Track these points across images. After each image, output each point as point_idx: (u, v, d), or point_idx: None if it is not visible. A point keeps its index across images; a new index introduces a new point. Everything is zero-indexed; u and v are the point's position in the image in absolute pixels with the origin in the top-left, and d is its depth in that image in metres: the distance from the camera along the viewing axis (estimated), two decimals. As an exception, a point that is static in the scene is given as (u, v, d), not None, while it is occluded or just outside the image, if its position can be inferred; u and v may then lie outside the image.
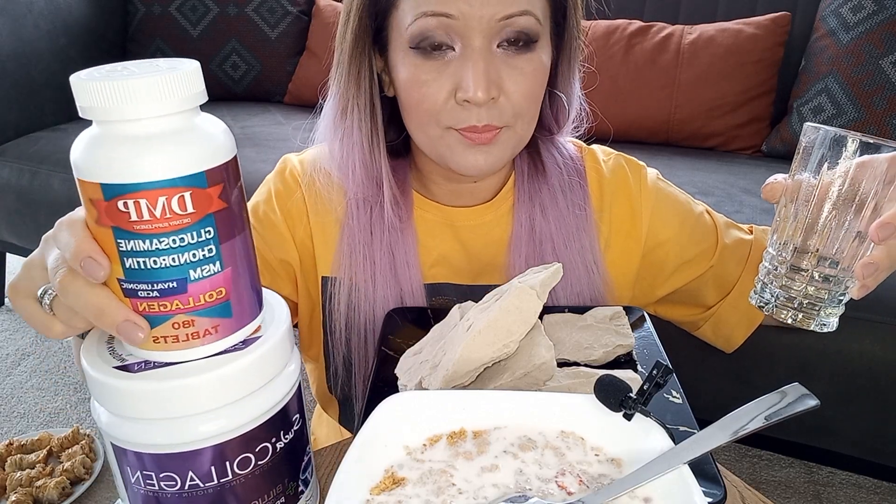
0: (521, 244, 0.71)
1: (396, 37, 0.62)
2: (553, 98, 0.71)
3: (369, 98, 0.66)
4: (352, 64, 0.65)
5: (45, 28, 1.95)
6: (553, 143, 0.74)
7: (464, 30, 0.59)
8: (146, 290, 0.35)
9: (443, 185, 0.73)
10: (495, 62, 0.60)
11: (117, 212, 0.34)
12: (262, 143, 1.66)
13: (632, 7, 1.82)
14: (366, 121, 0.66)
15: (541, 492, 0.38)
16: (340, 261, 0.71)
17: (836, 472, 1.42)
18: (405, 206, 0.71)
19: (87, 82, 0.33)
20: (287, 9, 2.07)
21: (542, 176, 0.72)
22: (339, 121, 0.68)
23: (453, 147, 0.64)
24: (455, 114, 0.61)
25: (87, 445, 1.47)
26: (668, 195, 0.75)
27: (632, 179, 0.74)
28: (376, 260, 0.69)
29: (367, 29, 0.64)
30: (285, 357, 0.41)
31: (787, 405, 0.38)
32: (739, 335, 0.77)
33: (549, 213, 0.71)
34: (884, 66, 1.45)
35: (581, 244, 0.71)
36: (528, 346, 0.50)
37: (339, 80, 0.66)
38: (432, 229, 0.73)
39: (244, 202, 0.38)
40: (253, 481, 0.39)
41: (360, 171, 0.68)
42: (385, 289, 0.69)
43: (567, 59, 0.68)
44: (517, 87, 0.61)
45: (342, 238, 0.71)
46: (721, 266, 0.75)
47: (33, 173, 1.73)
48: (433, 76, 0.61)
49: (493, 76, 0.60)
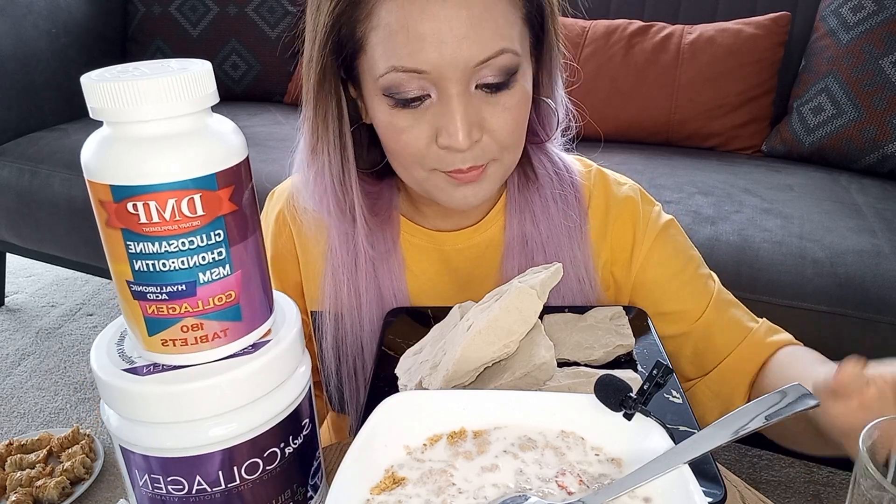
0: (514, 256, 0.69)
1: (369, 80, 0.59)
2: (538, 105, 0.68)
3: (338, 137, 0.63)
4: (318, 104, 0.62)
5: (45, 28, 1.95)
6: (543, 152, 0.72)
7: (438, 80, 0.55)
8: (155, 292, 0.35)
9: (433, 206, 0.70)
10: (474, 103, 0.57)
11: (127, 214, 0.34)
12: (262, 143, 1.66)
13: (632, 7, 1.82)
14: (336, 161, 0.64)
15: (541, 492, 0.38)
16: (326, 294, 0.69)
17: (836, 472, 1.42)
18: (390, 233, 0.69)
19: (99, 83, 0.33)
20: (287, 9, 2.07)
21: (533, 185, 0.70)
22: (311, 159, 0.66)
23: (441, 186, 0.62)
24: (438, 157, 0.59)
25: (87, 445, 1.47)
26: (673, 240, 0.72)
27: (641, 210, 0.71)
28: (361, 291, 0.68)
29: (333, 68, 0.60)
30: (295, 361, 0.41)
31: (787, 405, 0.38)
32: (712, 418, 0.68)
33: (540, 223, 0.69)
34: (884, 66, 1.45)
35: (573, 254, 0.69)
36: (528, 346, 0.50)
37: (307, 117, 0.64)
38: (420, 255, 0.71)
39: (255, 204, 0.38)
40: (261, 486, 0.39)
41: (335, 206, 0.67)
42: (372, 321, 0.68)
43: (547, 68, 0.65)
44: (501, 123, 0.59)
45: (326, 270, 0.70)
46: (704, 340, 0.69)
47: (33, 173, 1.73)
48: (411, 123, 0.58)
49: (474, 119, 0.57)
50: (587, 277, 0.69)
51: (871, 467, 0.38)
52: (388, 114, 0.59)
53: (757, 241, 1.20)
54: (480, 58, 0.55)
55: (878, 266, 1.11)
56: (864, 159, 1.49)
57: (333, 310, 0.69)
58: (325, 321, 0.70)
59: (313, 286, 0.72)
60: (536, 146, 0.72)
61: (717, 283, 0.72)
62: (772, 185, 1.42)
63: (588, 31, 1.73)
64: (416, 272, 0.71)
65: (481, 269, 0.72)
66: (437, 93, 0.57)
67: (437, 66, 0.55)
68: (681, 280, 0.71)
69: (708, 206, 1.31)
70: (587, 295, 0.69)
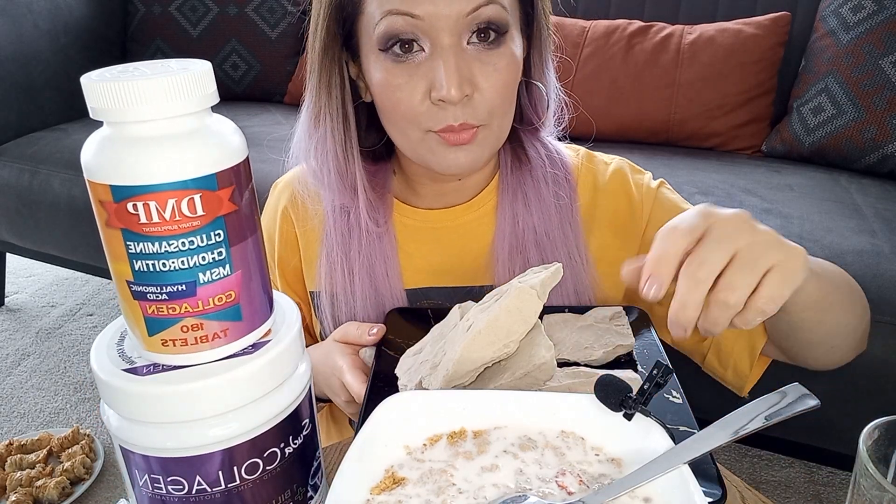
0: (505, 237, 0.71)
1: (366, 41, 0.63)
2: (530, 88, 0.71)
3: (341, 105, 0.67)
4: (322, 73, 0.66)
5: (45, 28, 1.95)
6: (537, 137, 0.74)
7: (431, 30, 0.59)
8: (155, 292, 0.35)
9: (428, 185, 0.73)
10: (466, 58, 0.60)
11: (127, 214, 0.34)
12: (262, 143, 1.65)
13: (632, 7, 1.82)
14: (338, 128, 0.67)
15: (541, 492, 0.38)
16: (322, 274, 0.72)
17: (836, 472, 1.42)
18: (383, 213, 0.71)
19: (99, 83, 0.33)
20: (287, 9, 2.07)
21: (525, 167, 0.72)
22: (313, 129, 0.69)
23: (434, 149, 0.64)
24: (432, 115, 0.61)
25: (87, 445, 1.47)
26: (668, 199, 0.74)
27: (632, 179, 0.74)
28: (355, 270, 0.70)
29: (336, 37, 0.64)
30: (295, 361, 0.41)
31: (787, 405, 0.38)
32: (744, 364, 0.70)
33: (532, 204, 0.71)
34: (884, 66, 1.45)
35: (564, 235, 0.70)
36: (528, 346, 0.50)
37: (311, 89, 0.67)
38: (413, 234, 0.73)
39: (255, 204, 0.38)
40: (261, 486, 0.39)
41: (336, 179, 0.69)
42: (365, 299, 0.70)
43: (538, 48, 0.69)
44: (490, 82, 0.61)
45: (322, 251, 0.72)
46: None
47: (33, 173, 1.73)
48: (405, 79, 0.61)
49: (466, 73, 0.60)
50: (579, 256, 0.70)
51: (871, 467, 0.38)
52: (384, 71, 0.62)
53: (757, 241, 1.20)
54: (471, 5, 0.59)
55: (878, 266, 1.11)
56: (864, 159, 1.49)
57: (329, 290, 0.71)
58: (323, 301, 0.72)
59: (311, 266, 0.74)
60: (530, 132, 0.74)
61: None
62: (772, 185, 1.42)
63: (588, 31, 1.73)
64: (411, 252, 0.73)
65: (473, 247, 0.73)
66: (431, 46, 0.60)
67: (431, 14, 0.58)
68: None
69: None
70: (579, 274, 0.70)
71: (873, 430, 0.41)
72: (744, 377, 0.70)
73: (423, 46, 0.60)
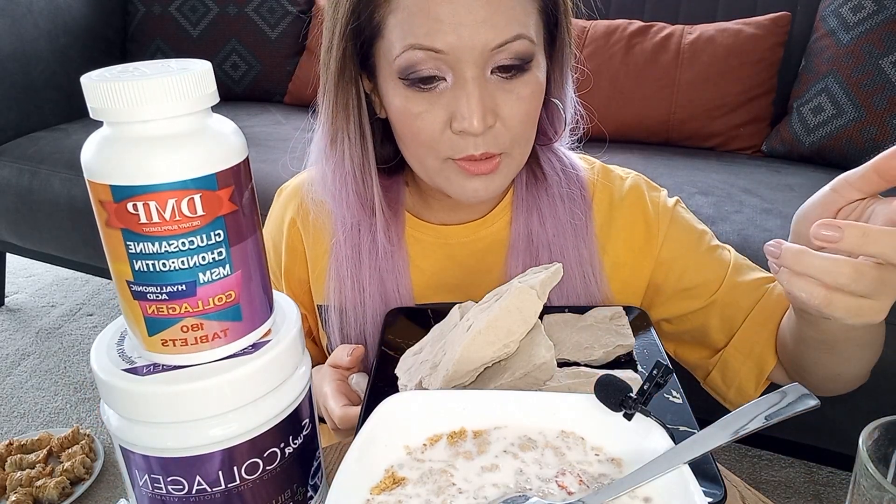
0: (518, 254, 0.69)
1: (384, 65, 0.60)
2: (548, 104, 0.69)
3: (358, 125, 0.64)
4: (339, 93, 0.63)
5: (45, 28, 1.95)
6: (552, 151, 0.73)
7: (454, 62, 0.56)
8: (155, 292, 0.35)
9: (441, 200, 0.71)
10: (489, 88, 0.58)
11: (127, 214, 0.34)
12: (262, 143, 1.66)
13: (632, 7, 1.82)
14: (356, 151, 0.65)
15: (541, 492, 0.38)
16: (331, 288, 0.70)
17: (836, 472, 1.42)
18: (396, 230, 0.70)
19: (99, 83, 0.33)
20: (287, 9, 2.07)
21: (541, 184, 0.71)
22: (330, 152, 0.66)
23: (452, 178, 0.62)
24: (452, 143, 0.60)
25: (87, 445, 1.47)
26: (683, 220, 0.73)
27: (648, 197, 0.72)
28: (365, 286, 0.69)
29: (352, 56, 0.61)
30: (296, 361, 0.41)
31: (788, 405, 0.38)
32: (750, 385, 0.69)
33: (546, 221, 0.69)
34: (884, 66, 1.45)
35: (579, 253, 0.69)
36: (528, 346, 0.50)
37: (326, 108, 0.65)
38: (425, 250, 0.72)
39: (255, 204, 0.38)
40: (261, 486, 0.39)
41: (354, 200, 0.67)
42: (375, 315, 0.68)
43: (560, 66, 0.66)
44: (514, 111, 0.59)
45: (331, 265, 0.71)
46: (730, 306, 0.70)
47: (33, 173, 1.73)
48: (426, 107, 0.59)
49: (489, 104, 0.58)
50: (593, 275, 0.69)
51: (871, 467, 0.38)
52: (403, 98, 0.59)
53: (757, 241, 1.19)
54: (497, 42, 0.56)
55: (878, 266, 1.11)
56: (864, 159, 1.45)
57: (338, 304, 0.70)
58: (331, 315, 0.71)
59: (319, 280, 0.73)
60: (545, 146, 0.72)
61: (732, 251, 0.74)
62: (772, 185, 1.42)
63: (588, 31, 1.73)
64: (422, 267, 0.72)
65: (485, 264, 0.72)
66: (453, 77, 0.58)
67: (455, 48, 0.56)
68: (699, 252, 0.72)
69: (708, 206, 1.31)
70: (593, 293, 0.69)
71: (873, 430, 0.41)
72: (746, 398, 0.69)
73: (444, 77, 0.58)
